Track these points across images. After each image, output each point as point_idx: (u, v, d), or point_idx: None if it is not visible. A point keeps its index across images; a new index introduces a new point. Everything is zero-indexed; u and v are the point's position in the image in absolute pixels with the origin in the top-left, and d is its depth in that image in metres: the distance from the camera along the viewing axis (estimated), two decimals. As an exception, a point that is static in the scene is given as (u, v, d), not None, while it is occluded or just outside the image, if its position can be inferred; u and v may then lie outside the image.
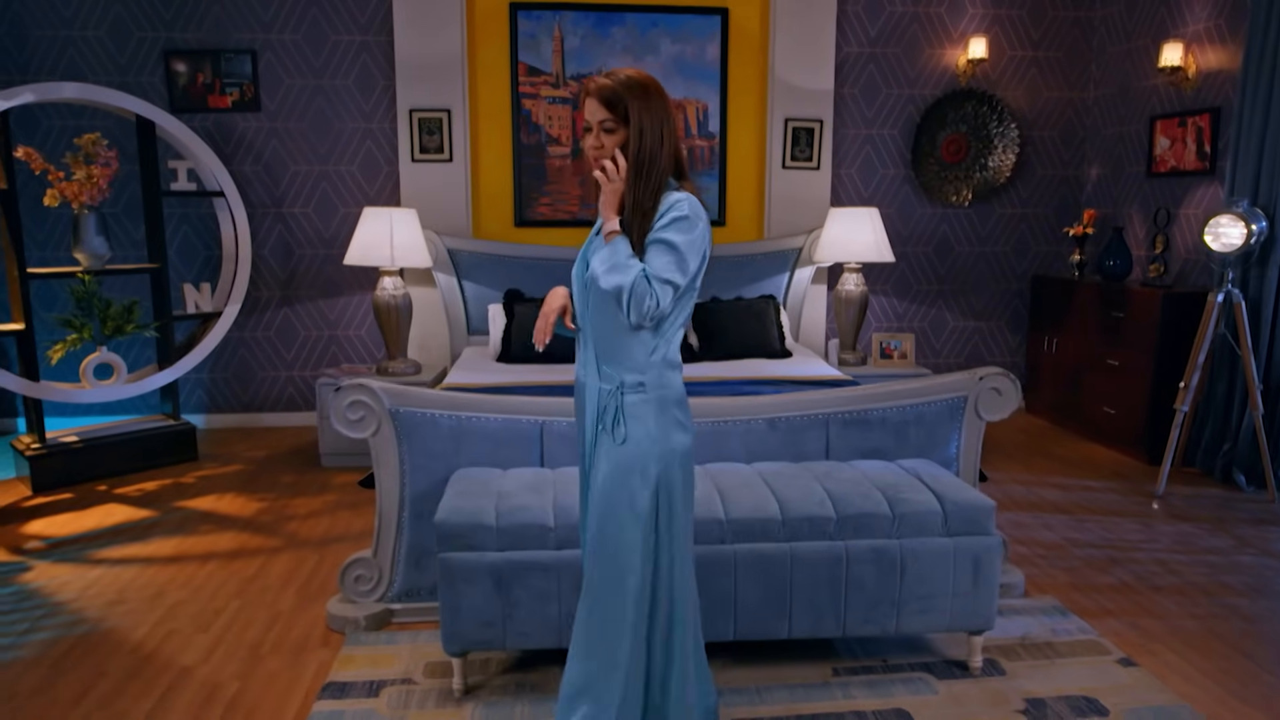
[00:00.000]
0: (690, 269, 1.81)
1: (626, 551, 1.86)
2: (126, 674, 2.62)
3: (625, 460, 1.85)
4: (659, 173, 1.82)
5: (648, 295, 1.74)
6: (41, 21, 4.96)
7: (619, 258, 1.78)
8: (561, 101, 5.30)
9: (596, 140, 1.84)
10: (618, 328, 1.84)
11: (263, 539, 3.66)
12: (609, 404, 1.87)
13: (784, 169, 5.37)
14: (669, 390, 1.89)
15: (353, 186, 5.28)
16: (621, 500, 1.85)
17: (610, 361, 1.88)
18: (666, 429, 1.87)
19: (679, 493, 1.90)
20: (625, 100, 1.80)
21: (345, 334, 5.40)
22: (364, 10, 5.13)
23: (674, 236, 1.79)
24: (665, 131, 1.83)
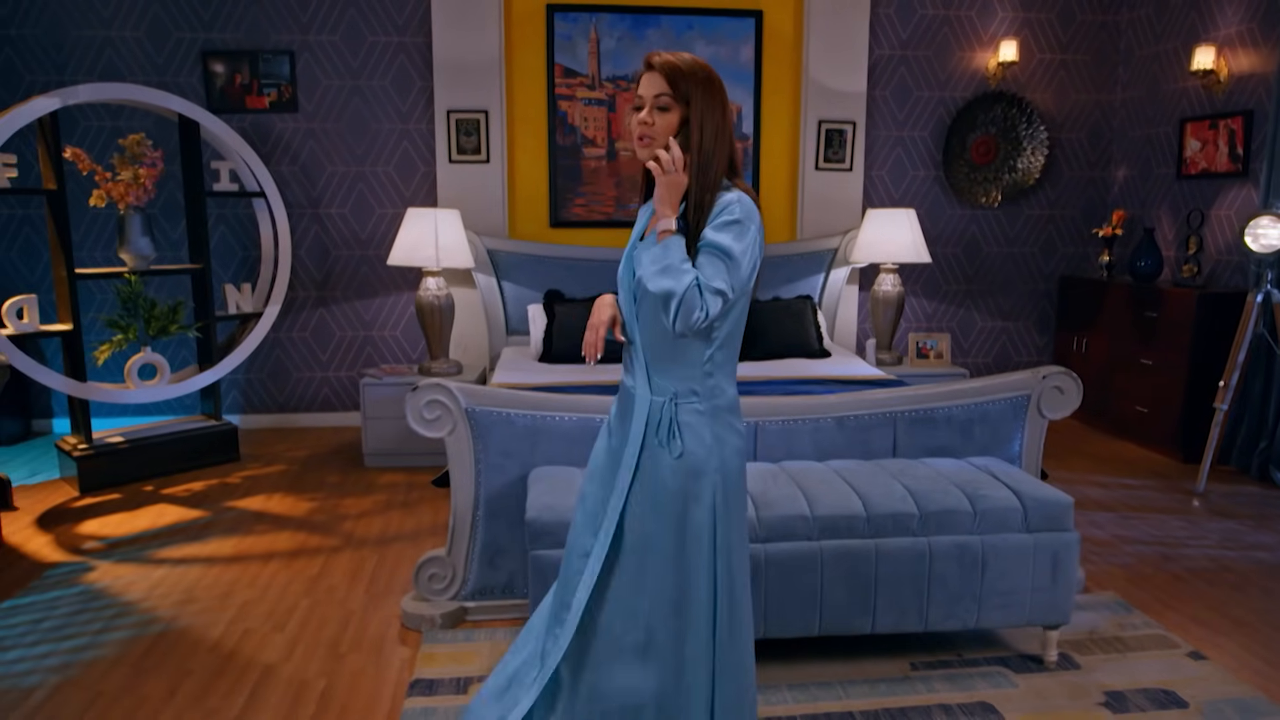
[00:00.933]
0: (743, 276, 1.69)
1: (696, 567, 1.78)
2: (211, 672, 2.64)
3: (684, 474, 1.76)
4: (716, 170, 1.72)
5: (697, 306, 1.63)
6: (79, 22, 4.96)
7: (672, 259, 1.65)
8: (597, 103, 5.33)
9: (649, 116, 1.70)
10: (666, 337, 1.73)
11: (320, 538, 3.67)
12: (663, 416, 1.77)
13: (817, 170, 5.42)
14: (722, 398, 1.79)
15: (389, 187, 5.29)
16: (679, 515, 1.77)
17: (662, 371, 1.77)
18: (722, 437, 1.79)
19: (735, 505, 1.82)
20: (689, 84, 1.69)
21: (380, 334, 5.42)
22: (402, 11, 5.15)
23: (728, 241, 1.66)
24: (724, 126, 1.73)
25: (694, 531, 1.78)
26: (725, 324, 1.76)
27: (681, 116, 1.69)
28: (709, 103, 1.70)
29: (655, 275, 1.66)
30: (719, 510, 1.79)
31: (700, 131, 1.69)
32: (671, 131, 1.70)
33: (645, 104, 1.71)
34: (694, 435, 1.76)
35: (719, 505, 1.79)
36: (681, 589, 1.79)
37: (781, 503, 2.53)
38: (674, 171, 1.67)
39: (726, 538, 1.80)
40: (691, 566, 1.78)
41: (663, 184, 1.69)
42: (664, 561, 1.79)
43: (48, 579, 3.28)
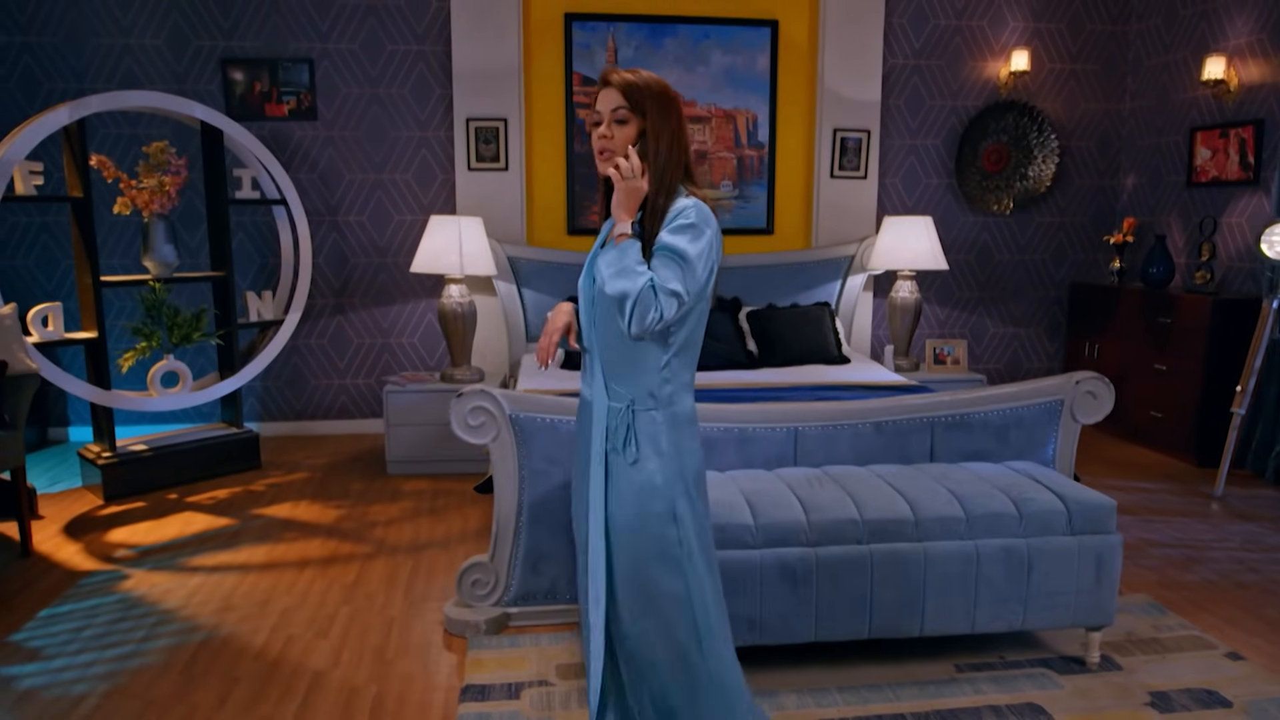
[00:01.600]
0: (699, 280, 1.71)
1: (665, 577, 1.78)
2: (260, 679, 2.64)
3: (641, 484, 1.77)
4: (672, 178, 1.76)
5: (653, 307, 1.65)
6: (99, 30, 4.96)
7: (628, 262, 1.68)
8: (614, 111, 5.35)
9: (607, 130, 1.76)
10: (627, 343, 1.75)
11: (353, 545, 3.67)
12: (619, 423, 1.78)
13: (832, 178, 5.47)
14: (680, 408, 1.80)
15: (407, 195, 5.31)
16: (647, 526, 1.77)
17: (620, 378, 1.78)
18: (680, 447, 1.79)
19: (692, 518, 1.80)
20: (644, 97, 1.74)
21: (398, 341, 5.42)
22: (421, 20, 5.17)
23: (683, 244, 1.69)
24: (680, 137, 1.77)
25: (655, 542, 1.77)
26: (682, 329, 1.77)
27: (639, 129, 1.75)
28: (664, 114, 1.75)
29: (612, 278, 1.69)
30: (680, 520, 1.78)
31: (657, 141, 1.74)
32: (630, 143, 1.75)
33: (603, 119, 1.76)
34: (651, 443, 1.77)
35: (680, 515, 1.78)
36: (644, 600, 1.80)
37: (830, 506, 2.56)
38: (633, 178, 1.73)
39: (689, 547, 1.79)
40: (654, 576, 1.78)
41: (621, 189, 1.74)
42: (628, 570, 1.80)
43: (83, 587, 3.27)
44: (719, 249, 1.77)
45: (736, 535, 2.49)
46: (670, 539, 1.78)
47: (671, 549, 1.78)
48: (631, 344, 1.75)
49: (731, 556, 2.48)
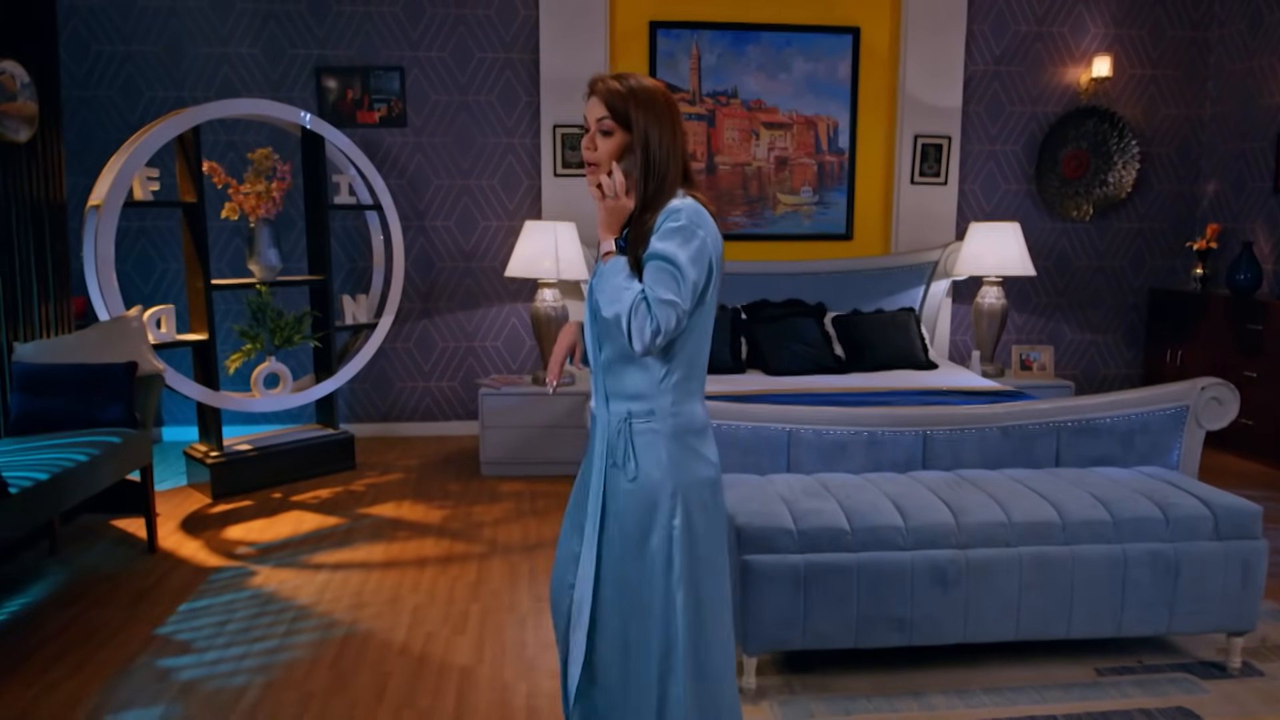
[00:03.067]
0: (695, 285, 1.62)
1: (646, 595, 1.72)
2: (410, 674, 2.70)
3: (639, 497, 1.70)
4: (667, 189, 1.67)
5: (648, 320, 1.57)
6: (198, 39, 5.08)
7: (617, 280, 1.62)
8: (697, 118, 5.42)
9: (590, 142, 1.70)
10: (622, 355, 1.70)
11: (466, 545, 3.74)
12: (618, 436, 1.72)
13: (912, 184, 5.49)
14: (684, 419, 1.71)
15: (493, 200, 5.39)
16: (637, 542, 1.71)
17: (617, 391, 1.73)
18: (681, 460, 1.70)
19: (701, 534, 1.72)
20: (630, 106, 1.65)
21: (482, 345, 5.50)
22: (509, 28, 5.25)
23: (672, 250, 1.60)
24: (674, 143, 1.68)
25: (649, 560, 1.71)
26: (681, 339, 1.68)
27: (625, 140, 1.66)
28: (654, 121, 1.66)
29: (606, 302, 1.65)
30: (678, 538, 1.69)
31: (646, 150, 1.66)
32: (614, 155, 1.68)
33: (590, 128, 1.70)
34: (650, 456, 1.70)
35: (679, 533, 1.69)
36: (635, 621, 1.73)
37: (978, 509, 2.59)
38: (614, 197, 1.67)
39: (691, 569, 1.70)
40: (645, 599, 1.71)
41: (603, 209, 1.69)
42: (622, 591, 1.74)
43: (214, 583, 3.36)
44: (717, 249, 1.68)
45: (887, 537, 2.52)
46: (660, 557, 1.70)
47: (658, 567, 1.70)
48: (627, 356, 1.69)
49: (882, 558, 2.52)
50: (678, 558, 1.70)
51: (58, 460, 3.03)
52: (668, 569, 1.70)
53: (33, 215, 3.74)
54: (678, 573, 1.70)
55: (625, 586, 1.75)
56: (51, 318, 3.88)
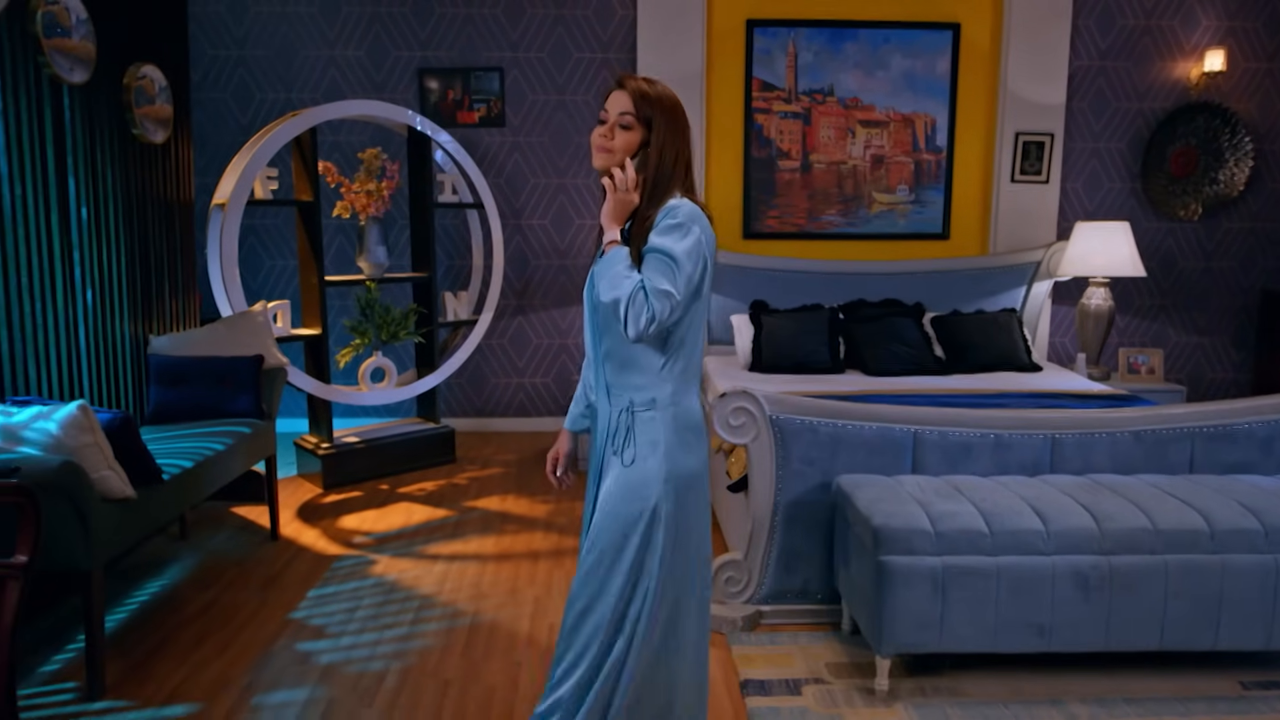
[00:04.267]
0: (690, 278, 1.70)
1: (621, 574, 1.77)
2: (541, 664, 2.75)
3: (630, 480, 1.76)
4: (671, 188, 1.77)
5: (645, 309, 1.66)
6: (307, 43, 5.23)
7: (618, 268, 1.71)
8: (793, 116, 5.39)
9: (609, 132, 1.76)
10: (626, 345, 1.78)
11: (574, 539, 3.78)
12: (619, 424, 1.79)
13: (1012, 183, 5.38)
14: (682, 410, 1.79)
15: (588, 199, 5.44)
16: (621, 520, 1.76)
17: (620, 381, 1.80)
18: (677, 451, 1.77)
19: (686, 523, 1.79)
20: (653, 109, 1.74)
21: (575, 342, 5.55)
22: (607, 28, 5.29)
23: (670, 245, 1.69)
24: (683, 154, 1.78)
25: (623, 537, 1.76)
26: (680, 330, 1.77)
27: (642, 138, 1.75)
28: (671, 129, 1.76)
29: (605, 287, 1.73)
30: (664, 528, 1.76)
31: (660, 154, 1.75)
32: (630, 150, 1.75)
33: (609, 120, 1.77)
34: (648, 443, 1.77)
35: (664, 523, 1.76)
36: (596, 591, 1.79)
37: (1121, 515, 2.53)
38: (625, 191, 1.74)
39: (661, 551, 1.76)
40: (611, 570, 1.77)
41: (612, 199, 1.76)
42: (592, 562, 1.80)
43: (337, 570, 3.46)
44: (711, 246, 1.76)
45: (1027, 541, 2.48)
46: (639, 537, 1.76)
47: (637, 547, 1.76)
48: (630, 347, 1.78)
49: (1021, 562, 2.48)
50: (655, 546, 1.77)
51: (198, 449, 3.15)
52: (644, 547, 1.76)
53: (165, 213, 3.89)
54: (652, 562, 1.76)
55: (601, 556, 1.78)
56: (180, 312, 4.04)
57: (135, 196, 3.62)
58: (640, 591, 1.78)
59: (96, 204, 3.34)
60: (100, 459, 2.52)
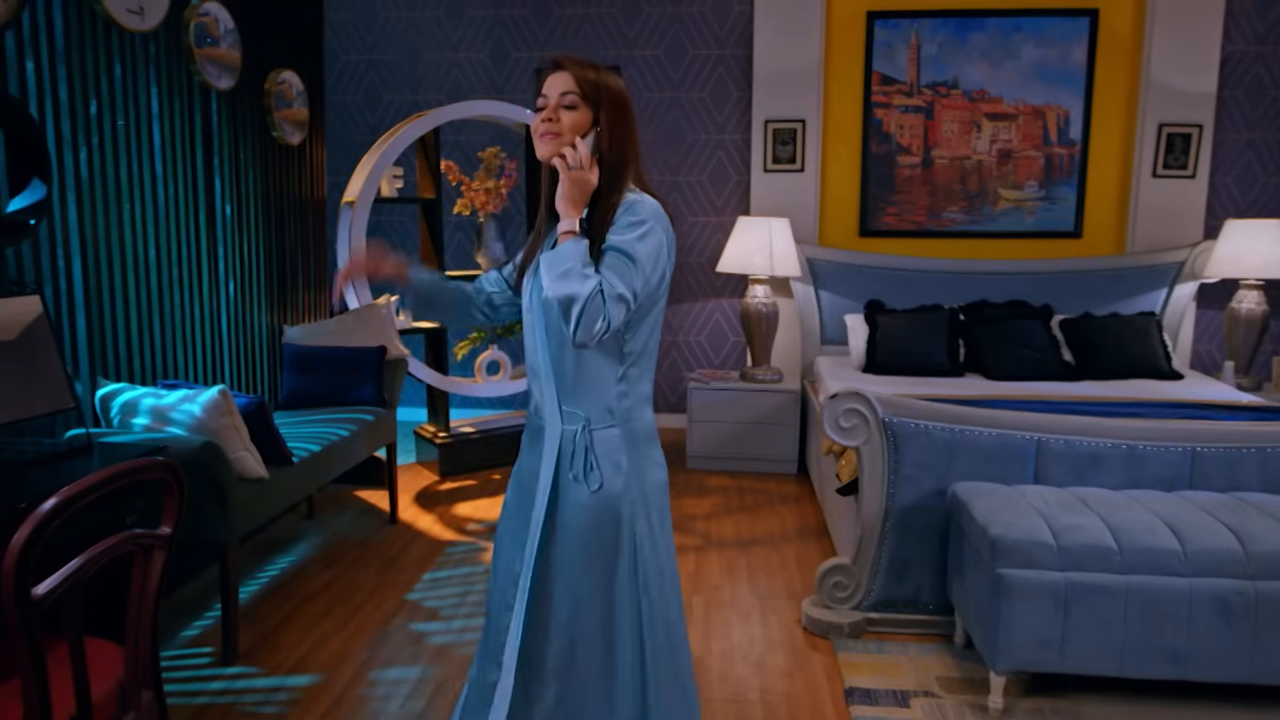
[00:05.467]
0: (649, 282, 1.57)
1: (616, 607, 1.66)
2: (643, 659, 2.76)
3: (601, 509, 1.63)
4: (624, 176, 1.62)
5: (599, 314, 1.48)
6: (432, 46, 5.42)
7: (574, 263, 1.50)
8: (914, 110, 5.22)
9: (553, 114, 1.58)
10: (579, 354, 1.61)
11: (681, 537, 3.78)
12: (577, 446, 1.63)
13: (1154, 178, 5.05)
14: (639, 424, 1.67)
15: (701, 197, 5.43)
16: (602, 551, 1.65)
17: (573, 397, 1.64)
18: (641, 467, 1.66)
19: (651, 542, 1.68)
20: (597, 88, 1.59)
21: (686, 340, 5.56)
22: (724, 24, 5.27)
23: (632, 245, 1.54)
24: (632, 138, 1.65)
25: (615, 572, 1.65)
26: (637, 336, 1.64)
27: (589, 119, 1.59)
28: (618, 111, 1.61)
29: (556, 280, 1.51)
30: (642, 546, 1.66)
31: (610, 134, 1.60)
32: (579, 130, 1.59)
33: (550, 103, 1.60)
34: (611, 465, 1.64)
35: (641, 541, 1.66)
36: (606, 632, 1.67)
37: (1269, 537, 2.34)
38: (579, 169, 1.55)
39: (644, 574, 1.67)
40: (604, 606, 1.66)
41: (567, 181, 1.56)
42: (587, 605, 1.67)
43: (451, 556, 3.58)
44: (672, 249, 1.64)
45: (1162, 561, 2.33)
46: (625, 565, 1.66)
47: (625, 576, 1.66)
48: (585, 357, 1.62)
49: (1155, 583, 2.33)
50: (641, 565, 1.67)
51: (325, 434, 3.32)
52: (633, 577, 1.67)
53: (300, 211, 4.12)
54: (642, 579, 1.67)
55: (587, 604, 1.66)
56: (312, 304, 4.26)
57: (273, 195, 3.84)
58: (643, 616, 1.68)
59: (239, 202, 3.57)
60: (237, 440, 2.69)
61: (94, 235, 2.73)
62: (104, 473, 1.55)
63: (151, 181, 3.01)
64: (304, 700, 2.52)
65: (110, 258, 2.82)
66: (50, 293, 2.55)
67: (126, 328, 2.91)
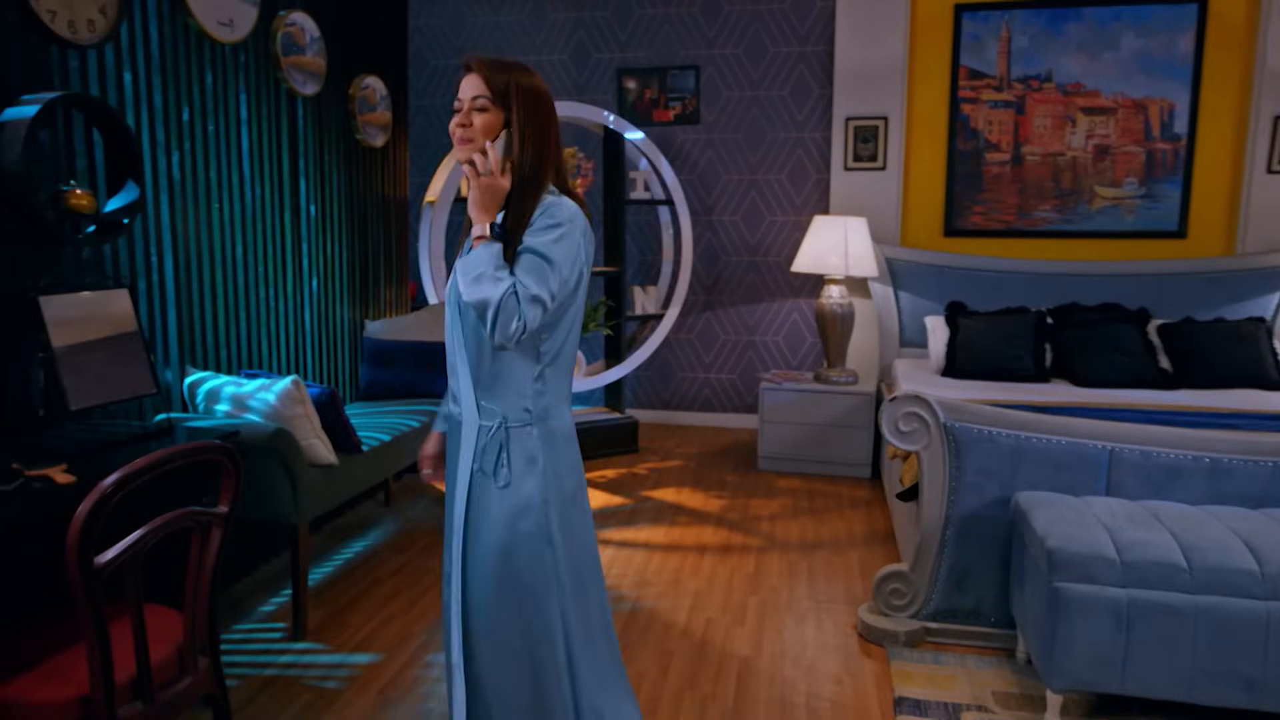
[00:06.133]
0: (566, 283, 1.60)
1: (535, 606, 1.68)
2: (692, 657, 2.77)
3: (514, 505, 1.65)
4: (541, 177, 1.62)
5: (515, 315, 1.52)
6: (517, 49, 5.55)
7: (487, 267, 1.55)
8: (1004, 105, 5.04)
9: (465, 119, 1.60)
10: (497, 354, 1.64)
11: (744, 537, 3.77)
12: (491, 442, 1.66)
13: (1268, 174, 4.72)
14: (556, 423, 1.70)
15: (780, 195, 5.38)
16: (518, 550, 1.66)
17: (491, 394, 1.66)
18: (555, 465, 1.68)
19: (565, 542, 1.70)
20: (509, 88, 1.60)
21: (762, 339, 5.52)
22: (805, 21, 5.20)
23: (548, 247, 1.57)
24: (550, 134, 1.64)
25: (527, 568, 1.67)
26: (554, 337, 1.66)
27: (502, 120, 1.60)
28: (533, 109, 1.61)
29: (470, 284, 1.56)
30: (554, 543, 1.68)
31: (522, 135, 1.60)
32: (491, 134, 1.60)
33: (464, 106, 1.61)
34: (525, 462, 1.66)
35: (554, 538, 1.68)
36: (508, 632, 1.69)
37: (1362, 561, 2.17)
38: (489, 174, 1.58)
39: (561, 575, 1.70)
40: (522, 605, 1.68)
41: (478, 187, 1.60)
42: (505, 605, 1.69)
43: (515, 547, 3.66)
44: (589, 251, 1.67)
45: (1236, 582, 2.19)
46: (544, 563, 1.68)
47: (544, 574, 1.68)
48: (503, 357, 1.65)
49: (1228, 605, 2.19)
50: (563, 565, 1.70)
51: (397, 424, 3.45)
52: (551, 572, 1.69)
53: (382, 210, 4.29)
54: (564, 579, 1.70)
55: (504, 593, 1.68)
56: (393, 299, 4.44)
57: (357, 195, 4.02)
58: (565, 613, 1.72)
59: (323, 202, 3.74)
60: (309, 428, 2.83)
61: (185, 233, 2.92)
62: (161, 453, 1.67)
63: (240, 183, 3.20)
64: (363, 677, 2.64)
65: (200, 254, 3.01)
66: (143, 286, 2.74)
67: (214, 320, 3.11)
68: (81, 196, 2.41)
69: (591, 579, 1.79)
